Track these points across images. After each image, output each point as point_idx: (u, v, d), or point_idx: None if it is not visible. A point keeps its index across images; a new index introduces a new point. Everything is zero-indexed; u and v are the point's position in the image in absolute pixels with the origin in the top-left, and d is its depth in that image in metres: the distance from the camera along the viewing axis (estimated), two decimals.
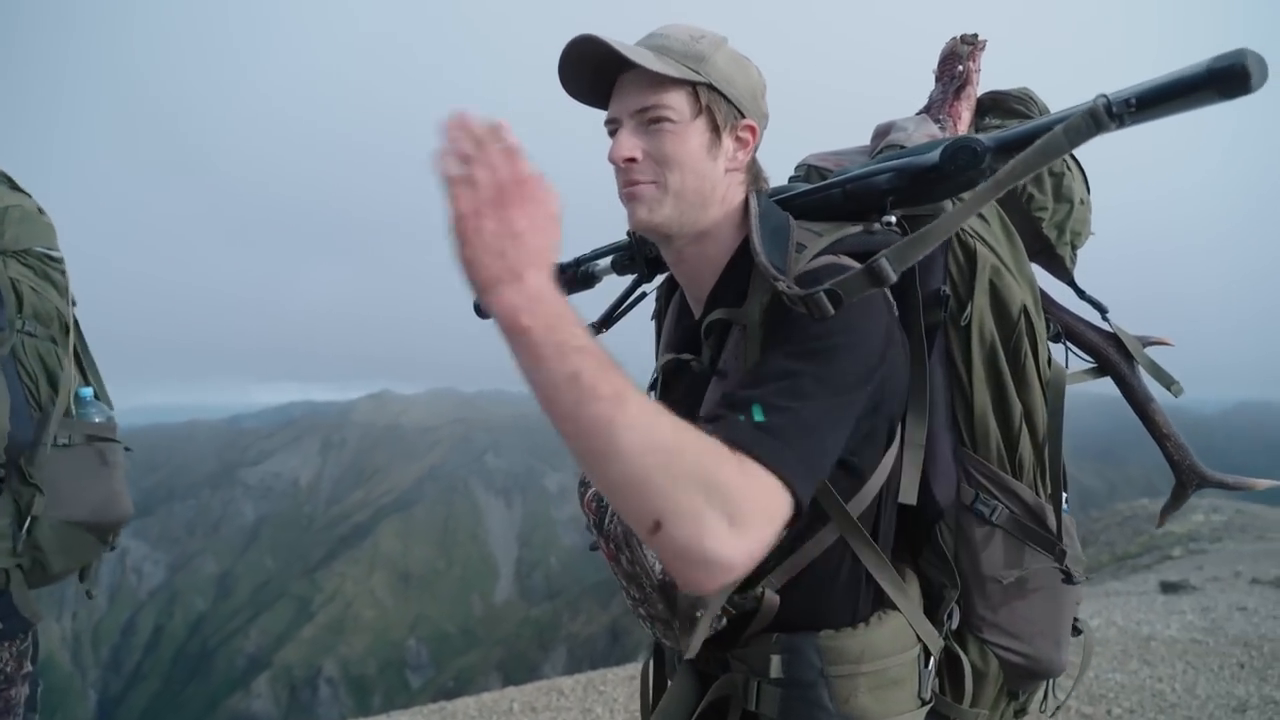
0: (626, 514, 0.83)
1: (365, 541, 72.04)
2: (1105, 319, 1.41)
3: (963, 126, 1.49)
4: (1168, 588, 7.58)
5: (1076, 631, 1.41)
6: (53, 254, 1.95)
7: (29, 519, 1.79)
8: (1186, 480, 1.39)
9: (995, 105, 1.52)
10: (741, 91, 1.19)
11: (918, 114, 1.53)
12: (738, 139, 1.20)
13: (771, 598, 1.17)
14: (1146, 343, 1.40)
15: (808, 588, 1.18)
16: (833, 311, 0.98)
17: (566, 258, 1.59)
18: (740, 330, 1.16)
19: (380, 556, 69.27)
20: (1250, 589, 7.31)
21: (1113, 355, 1.39)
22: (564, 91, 1.22)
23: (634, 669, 5.55)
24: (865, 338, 1.04)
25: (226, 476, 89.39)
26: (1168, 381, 1.38)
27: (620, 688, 5.10)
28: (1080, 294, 1.45)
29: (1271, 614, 6.13)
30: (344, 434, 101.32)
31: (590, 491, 1.24)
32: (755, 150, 1.25)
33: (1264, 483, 1.41)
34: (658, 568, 1.12)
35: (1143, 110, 0.88)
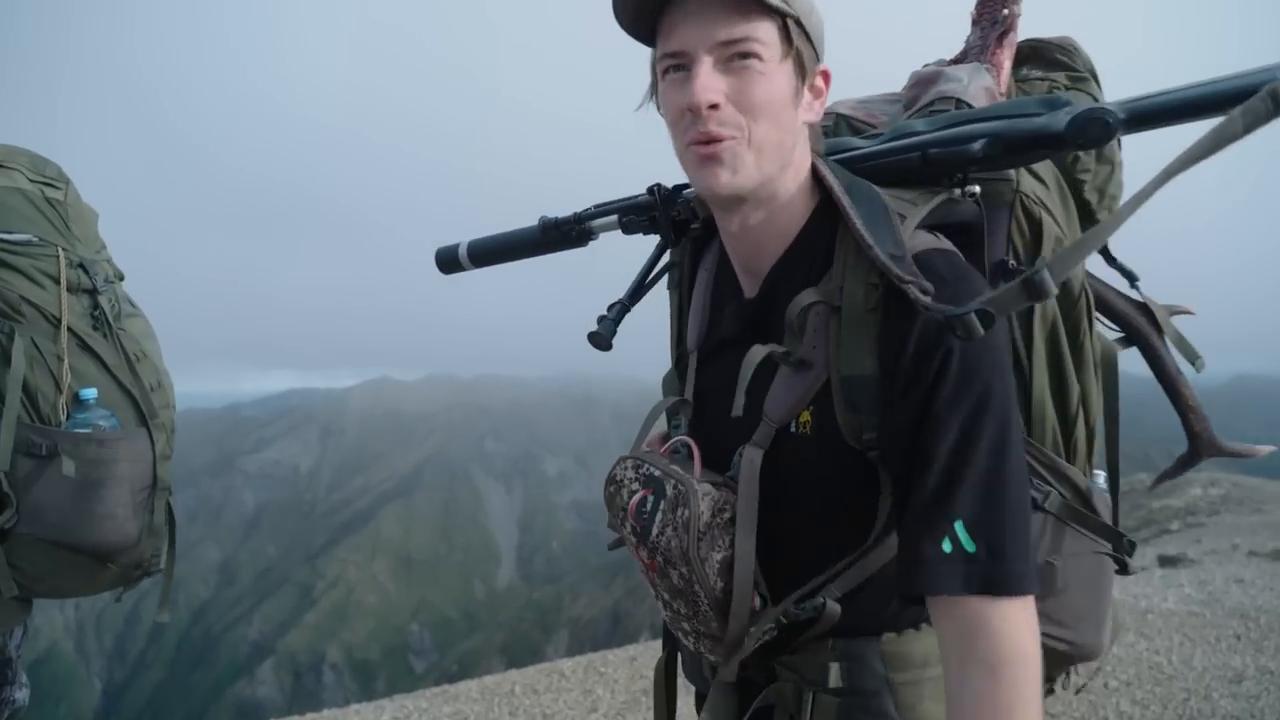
0: None
1: (366, 528, 72.30)
2: (1135, 287, 1.32)
3: (1004, 77, 1.35)
4: (1165, 561, 7.61)
5: None
6: (9, 237, 1.71)
7: None
8: (1203, 450, 1.33)
9: (1035, 55, 1.39)
10: (818, 31, 1.00)
11: (952, 62, 1.39)
12: (813, 88, 1.02)
13: (833, 608, 1.04)
14: (1175, 313, 1.34)
15: (871, 593, 1.06)
16: (983, 333, 0.82)
17: (565, 213, 1.42)
18: (827, 312, 1.00)
19: (382, 542, 69.52)
20: (1247, 561, 7.34)
21: (1143, 325, 1.31)
22: (620, 25, 1.00)
23: (634, 650, 5.57)
24: (1004, 353, 0.95)
25: (226, 464, 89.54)
26: (1192, 355, 1.31)
27: (621, 669, 5.12)
28: (1111, 261, 1.35)
29: (1268, 586, 6.16)
30: (343, 421, 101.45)
31: (636, 497, 1.11)
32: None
33: (1265, 449, 1.38)
34: (719, 585, 1.01)
35: None
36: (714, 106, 0.94)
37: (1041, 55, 1.38)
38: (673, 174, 1.13)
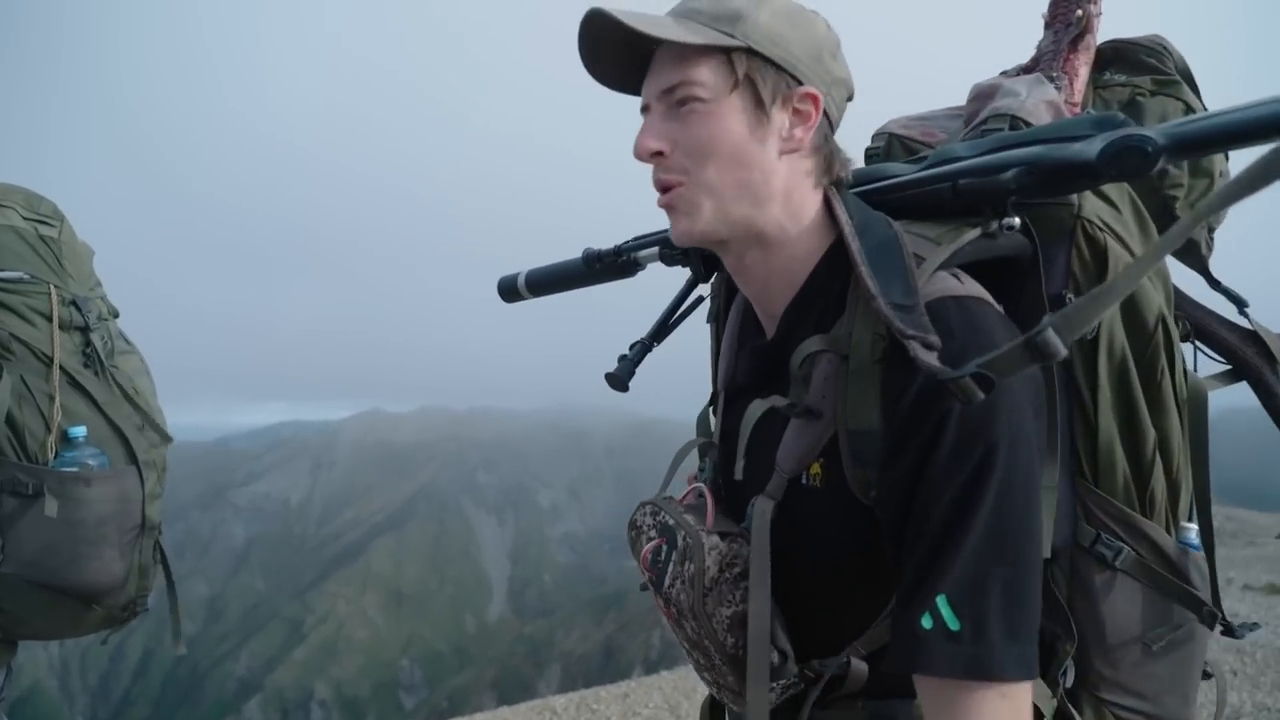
0: None
1: (357, 561, 71.57)
2: (1244, 313, 1.19)
3: (1079, 85, 1.23)
4: None
5: (1206, 675, 1.18)
6: (0, 274, 1.71)
7: None
8: None
9: (1118, 57, 1.28)
10: (797, 52, 0.94)
11: (1024, 70, 1.27)
12: (795, 112, 0.95)
13: (859, 666, 0.97)
14: None
15: None
16: (983, 397, 0.74)
17: (605, 246, 1.42)
18: (837, 361, 0.94)
19: (372, 576, 68.80)
20: (1242, 595, 7.32)
21: (1252, 357, 1.17)
22: (599, 84, 1.02)
23: (627, 687, 5.51)
24: (1022, 410, 0.86)
25: (216, 498, 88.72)
26: None
27: (614, 706, 5.06)
28: (1215, 285, 1.23)
29: (1264, 621, 6.13)
30: (334, 453, 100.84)
31: (649, 546, 1.07)
32: (828, 125, 1.00)
33: None
34: (730, 641, 0.97)
35: None
36: (658, 154, 0.94)
37: (1125, 58, 1.27)
38: None
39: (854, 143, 1.27)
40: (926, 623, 0.80)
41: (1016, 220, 0.98)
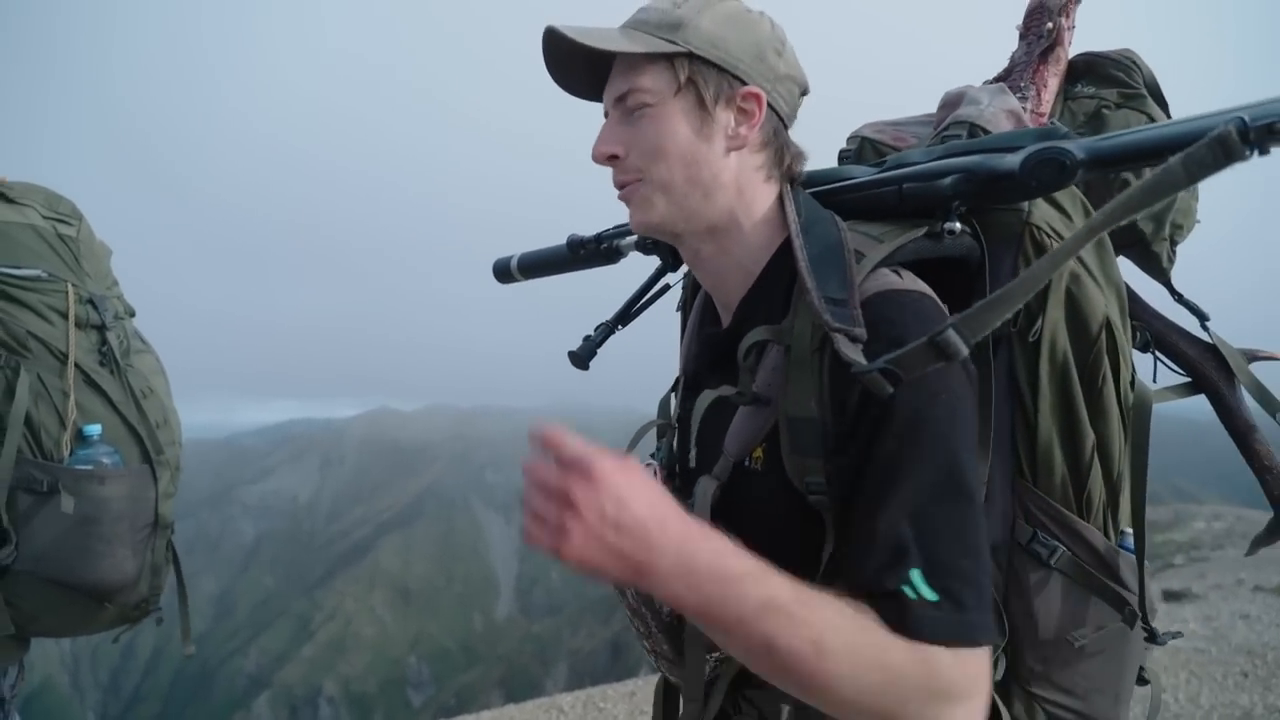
0: None
1: (365, 559, 71.68)
2: (1205, 328, 1.21)
3: (1048, 96, 1.27)
4: (1170, 596, 7.55)
5: (1143, 681, 1.21)
6: (18, 272, 1.73)
7: None
8: None
9: (1089, 70, 1.31)
10: (738, 52, 1.00)
11: (995, 79, 1.30)
12: (740, 110, 1.01)
13: None
14: (1252, 358, 1.20)
15: None
16: (890, 391, 0.81)
17: (588, 234, 1.52)
18: (783, 351, 0.98)
19: (380, 574, 68.90)
20: (1253, 596, 7.28)
21: (1210, 371, 1.19)
22: (569, 95, 1.09)
23: (634, 685, 5.51)
24: (959, 384, 0.91)
25: (225, 495, 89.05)
26: (1274, 406, 1.17)
27: (620, 704, 5.06)
28: (1177, 297, 1.26)
29: (1275, 622, 6.10)
30: (342, 451, 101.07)
31: None
32: (779, 120, 1.06)
33: None
34: (665, 610, 1.02)
35: None
36: (613, 157, 1.03)
37: (1096, 70, 1.31)
38: None
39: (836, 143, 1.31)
40: (910, 593, 0.83)
41: (958, 225, 1.01)
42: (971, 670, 0.84)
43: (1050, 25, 1.27)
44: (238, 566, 78.09)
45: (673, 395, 1.29)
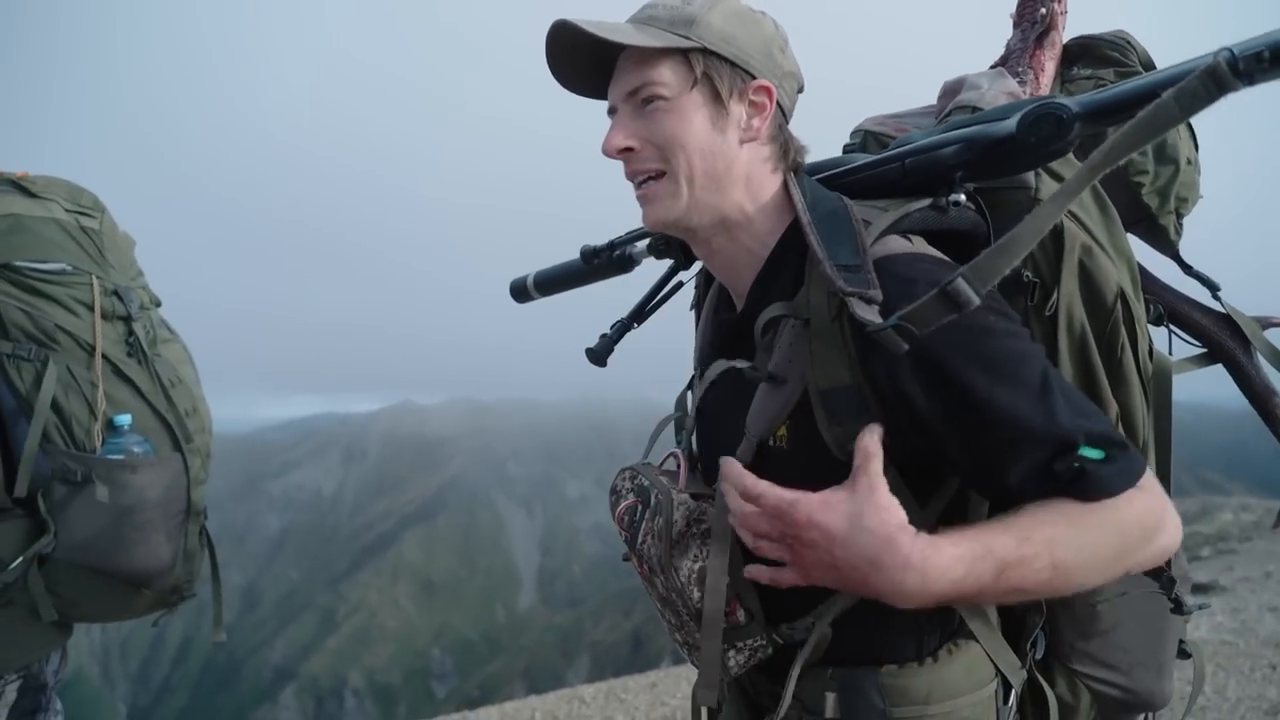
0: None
1: (389, 551, 72.32)
2: (1216, 298, 1.22)
3: (1046, 79, 1.28)
4: (1197, 588, 7.46)
5: (1185, 655, 1.22)
6: (43, 267, 1.74)
7: (33, 557, 1.69)
8: None
9: (1085, 53, 1.33)
10: (748, 48, 1.02)
11: (992, 67, 1.32)
12: (751, 104, 1.04)
13: (823, 630, 1.03)
14: (1266, 325, 1.21)
15: (867, 619, 1.03)
16: (906, 348, 0.82)
17: (600, 242, 1.52)
18: (800, 325, 0.99)
19: (404, 566, 69.50)
20: None
21: (1226, 340, 1.20)
22: (567, 90, 1.11)
23: (655, 676, 5.54)
24: (993, 317, 0.93)
25: (250, 489, 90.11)
26: None
27: (641, 695, 5.09)
28: (1186, 269, 1.27)
29: None
30: (366, 445, 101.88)
31: (623, 506, 1.15)
32: (782, 115, 1.08)
33: None
34: (696, 595, 1.02)
35: (1278, 65, 0.70)
36: (627, 150, 1.03)
37: (1091, 53, 1.32)
38: None
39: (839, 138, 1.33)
40: (1090, 464, 0.85)
41: (962, 196, 1.03)
42: (1156, 489, 0.89)
43: (1043, 10, 1.29)
44: (263, 559, 79.06)
45: (689, 392, 1.31)
